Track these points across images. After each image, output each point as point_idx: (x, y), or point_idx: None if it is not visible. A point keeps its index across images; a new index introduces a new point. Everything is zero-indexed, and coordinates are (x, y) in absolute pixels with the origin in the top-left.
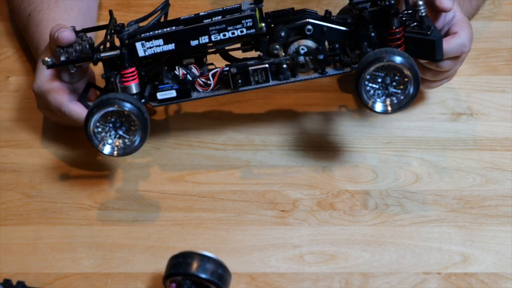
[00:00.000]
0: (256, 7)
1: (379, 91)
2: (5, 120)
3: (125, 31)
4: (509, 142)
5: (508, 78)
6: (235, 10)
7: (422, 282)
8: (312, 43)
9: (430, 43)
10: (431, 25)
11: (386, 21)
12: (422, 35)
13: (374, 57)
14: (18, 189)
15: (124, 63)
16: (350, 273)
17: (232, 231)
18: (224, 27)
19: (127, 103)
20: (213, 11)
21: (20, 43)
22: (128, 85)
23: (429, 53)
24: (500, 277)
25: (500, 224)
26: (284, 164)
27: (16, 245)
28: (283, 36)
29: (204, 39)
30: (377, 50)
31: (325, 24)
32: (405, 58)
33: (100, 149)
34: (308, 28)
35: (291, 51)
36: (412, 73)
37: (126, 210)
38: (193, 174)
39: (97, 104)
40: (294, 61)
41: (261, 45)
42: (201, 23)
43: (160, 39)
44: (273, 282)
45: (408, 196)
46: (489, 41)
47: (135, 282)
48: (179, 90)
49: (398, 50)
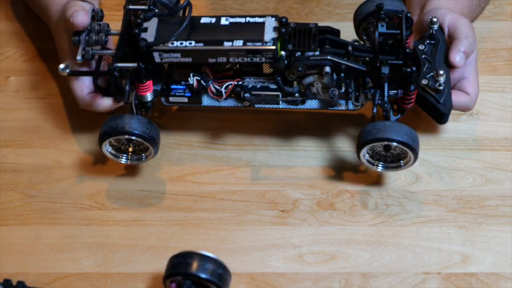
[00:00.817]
0: (278, 39)
1: (380, 159)
2: (5, 120)
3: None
4: (509, 142)
5: (508, 78)
6: (258, 26)
7: (422, 282)
8: (328, 79)
9: (439, 112)
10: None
11: (404, 82)
12: (434, 100)
13: (372, 136)
14: (18, 189)
15: (141, 78)
16: (350, 273)
17: (232, 231)
18: (244, 54)
19: (135, 130)
20: (236, 21)
21: (21, 43)
22: (143, 95)
23: (436, 117)
24: (500, 277)
25: (500, 224)
26: (284, 164)
27: (16, 245)
28: (300, 70)
29: (222, 59)
30: (381, 124)
31: (344, 63)
32: (404, 139)
33: (117, 161)
34: (326, 70)
35: (306, 82)
36: (411, 151)
37: (126, 210)
38: (193, 174)
39: (109, 130)
40: (307, 92)
41: (278, 71)
42: (221, 46)
43: (178, 53)
44: (273, 282)
45: (408, 196)
46: (489, 41)
47: (135, 282)
48: (191, 97)
49: (402, 127)
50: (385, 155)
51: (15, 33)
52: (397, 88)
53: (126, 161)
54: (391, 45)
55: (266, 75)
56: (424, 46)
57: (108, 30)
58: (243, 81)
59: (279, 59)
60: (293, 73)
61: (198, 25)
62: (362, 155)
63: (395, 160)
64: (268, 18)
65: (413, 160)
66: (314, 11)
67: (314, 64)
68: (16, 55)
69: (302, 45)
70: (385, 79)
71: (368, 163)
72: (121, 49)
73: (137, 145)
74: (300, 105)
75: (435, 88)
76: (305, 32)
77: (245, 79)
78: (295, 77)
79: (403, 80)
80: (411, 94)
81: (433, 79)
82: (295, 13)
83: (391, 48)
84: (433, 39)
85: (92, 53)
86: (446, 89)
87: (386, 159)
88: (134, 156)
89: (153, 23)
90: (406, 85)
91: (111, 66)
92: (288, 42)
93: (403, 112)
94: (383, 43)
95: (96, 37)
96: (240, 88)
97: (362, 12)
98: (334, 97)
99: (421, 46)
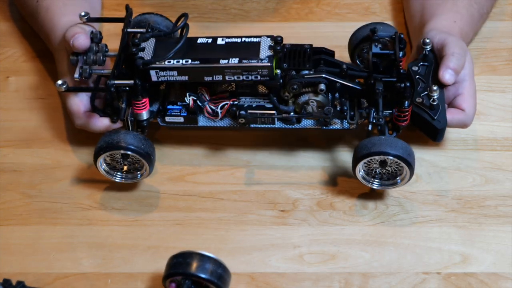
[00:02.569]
0: (273, 56)
1: (376, 177)
2: (5, 120)
3: (139, 52)
4: (509, 142)
5: (508, 78)
6: (254, 46)
7: (422, 282)
8: (323, 97)
9: (434, 129)
10: (440, 104)
11: (398, 99)
12: (429, 117)
13: (367, 151)
14: (18, 189)
15: (137, 95)
16: (350, 273)
17: (232, 231)
18: (240, 72)
19: (131, 145)
20: (232, 41)
21: (20, 43)
22: (139, 113)
23: (431, 134)
24: (500, 277)
25: (500, 224)
26: (284, 164)
27: (16, 245)
28: (296, 88)
29: (218, 77)
30: (377, 139)
31: (339, 81)
32: (400, 153)
33: (111, 179)
34: (321, 88)
35: (301, 101)
36: (407, 166)
37: (126, 210)
38: (193, 174)
39: (104, 145)
40: (302, 110)
41: (273, 90)
42: (217, 63)
43: (174, 71)
44: (273, 282)
45: (408, 196)
46: (489, 41)
47: (135, 282)
48: (187, 117)
49: (398, 142)
50: (381, 173)
51: (15, 33)
52: (391, 108)
53: (120, 180)
54: (386, 66)
55: (261, 95)
56: (417, 68)
57: (106, 51)
58: (238, 101)
59: (275, 77)
60: (288, 92)
61: (195, 45)
62: (357, 170)
63: (391, 177)
64: (263, 38)
65: (409, 175)
66: (314, 11)
67: (309, 82)
68: (16, 55)
69: (297, 64)
70: (380, 94)
71: (363, 180)
72: (118, 67)
73: (132, 163)
74: (295, 125)
75: (430, 105)
76: (300, 53)
77: (241, 99)
78: (290, 96)
79: (397, 97)
80: (405, 111)
81: (427, 97)
82: (295, 13)
83: (385, 69)
84: (427, 60)
85: (89, 72)
86: (440, 105)
87: (382, 176)
88: (128, 175)
89: (150, 43)
90: (400, 102)
91: (108, 83)
92: (284, 62)
93: (398, 130)
94: (377, 64)
95: (94, 57)
96: (236, 107)
97: (357, 38)
98: (329, 114)
99: (414, 68)
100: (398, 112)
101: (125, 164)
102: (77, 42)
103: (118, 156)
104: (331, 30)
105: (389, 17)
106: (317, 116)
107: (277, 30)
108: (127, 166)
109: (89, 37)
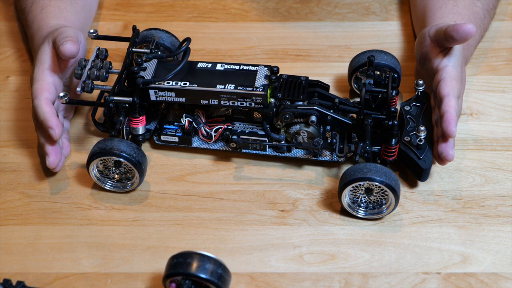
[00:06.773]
0: (268, 85)
1: (361, 205)
2: (5, 120)
3: (140, 71)
4: (509, 142)
5: (508, 78)
6: (251, 74)
7: (422, 282)
8: (314, 129)
9: (419, 168)
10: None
11: (386, 136)
12: (415, 156)
13: (352, 177)
14: (18, 189)
15: (135, 112)
16: (350, 273)
17: (232, 231)
18: (235, 98)
19: (123, 153)
20: (230, 68)
21: (20, 43)
22: (135, 127)
23: (417, 173)
24: (500, 277)
25: (500, 224)
26: (284, 164)
27: (16, 245)
28: (288, 117)
29: (213, 101)
30: (362, 165)
31: (330, 114)
32: (384, 179)
33: (101, 186)
34: (312, 119)
35: (292, 130)
36: (392, 192)
37: (126, 210)
38: (193, 174)
39: (97, 151)
40: (293, 140)
41: (267, 118)
42: (213, 88)
43: (172, 92)
44: (273, 282)
45: (408, 196)
46: (489, 41)
47: (135, 282)
48: (182, 137)
49: (383, 169)
50: (367, 201)
51: (15, 33)
52: (380, 143)
53: (110, 187)
54: (378, 103)
55: (256, 122)
56: (409, 107)
57: (110, 68)
58: (233, 126)
59: (268, 105)
60: (281, 121)
61: (195, 68)
62: (343, 197)
63: (377, 206)
64: (260, 67)
65: (395, 203)
66: (314, 11)
67: (301, 113)
68: (16, 55)
69: (292, 95)
70: (368, 126)
71: (348, 208)
72: (118, 84)
73: (124, 173)
74: (286, 153)
75: (417, 145)
76: (295, 84)
77: (236, 124)
78: (282, 125)
79: (385, 134)
80: (392, 148)
81: (415, 137)
82: (295, 13)
83: (378, 106)
84: (419, 101)
85: (92, 87)
86: (426, 146)
87: (368, 205)
88: (118, 184)
89: (152, 64)
90: (387, 139)
91: (107, 98)
92: (279, 91)
93: (385, 164)
94: (369, 100)
95: (98, 73)
96: (229, 132)
97: (356, 63)
98: (318, 146)
99: (406, 107)
100: (386, 148)
101: (116, 173)
102: (64, 48)
103: (110, 164)
104: (331, 30)
105: (389, 17)
106: (306, 147)
107: (277, 30)
108: (118, 175)
109: (78, 45)
